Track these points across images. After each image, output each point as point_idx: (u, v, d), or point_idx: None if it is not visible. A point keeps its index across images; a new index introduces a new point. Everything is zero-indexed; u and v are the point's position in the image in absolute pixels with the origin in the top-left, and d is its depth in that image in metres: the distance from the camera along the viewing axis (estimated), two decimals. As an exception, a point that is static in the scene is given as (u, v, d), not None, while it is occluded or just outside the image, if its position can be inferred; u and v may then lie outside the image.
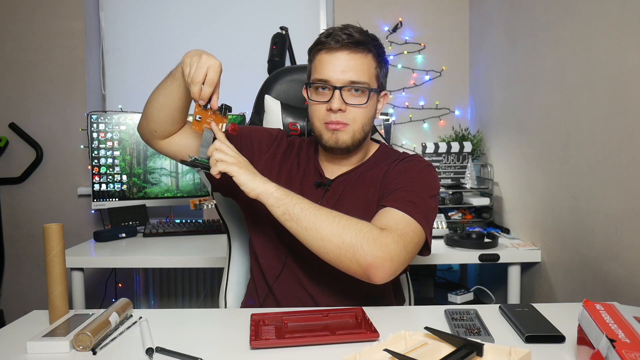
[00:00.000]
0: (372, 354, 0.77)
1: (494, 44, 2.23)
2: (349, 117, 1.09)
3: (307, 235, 0.98)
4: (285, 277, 1.16)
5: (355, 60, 1.08)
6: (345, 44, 1.07)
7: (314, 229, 0.97)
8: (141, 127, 1.19)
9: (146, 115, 1.15)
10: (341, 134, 1.10)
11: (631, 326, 0.71)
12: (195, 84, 1.00)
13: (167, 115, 1.13)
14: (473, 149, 2.29)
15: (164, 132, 1.17)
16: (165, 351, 0.84)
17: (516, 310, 0.99)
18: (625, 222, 1.29)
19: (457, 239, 1.85)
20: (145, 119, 1.16)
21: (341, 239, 0.96)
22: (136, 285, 2.51)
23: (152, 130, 1.16)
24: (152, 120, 1.14)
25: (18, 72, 2.57)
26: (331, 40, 1.08)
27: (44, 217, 2.58)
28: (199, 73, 0.99)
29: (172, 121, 1.15)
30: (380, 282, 0.97)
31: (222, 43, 2.68)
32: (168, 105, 1.12)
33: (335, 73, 1.08)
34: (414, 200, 1.05)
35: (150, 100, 1.14)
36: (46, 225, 0.98)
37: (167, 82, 1.11)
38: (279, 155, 1.23)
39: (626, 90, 1.28)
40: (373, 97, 1.13)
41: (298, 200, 1.00)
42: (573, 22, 1.53)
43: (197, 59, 1.00)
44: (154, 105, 1.13)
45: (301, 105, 1.43)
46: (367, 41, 1.09)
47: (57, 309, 0.99)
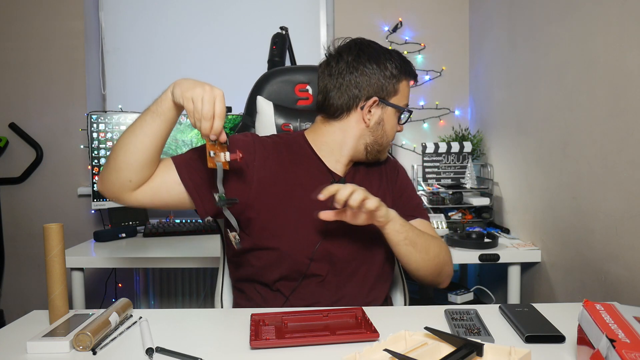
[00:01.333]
0: (372, 354, 0.77)
1: (494, 44, 2.23)
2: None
3: (418, 256, 1.12)
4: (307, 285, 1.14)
5: None
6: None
7: (425, 251, 1.13)
8: (109, 181, 1.04)
9: (118, 164, 1.01)
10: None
11: (631, 326, 0.71)
12: (207, 120, 0.94)
13: (146, 158, 1.02)
14: (473, 149, 2.29)
15: (140, 179, 1.04)
16: (165, 351, 0.84)
17: (516, 310, 0.99)
18: (625, 222, 1.29)
19: (457, 239, 1.85)
20: (115, 170, 1.02)
21: (439, 258, 1.16)
22: (136, 285, 2.51)
23: (126, 180, 1.02)
24: (126, 168, 1.01)
25: (18, 72, 2.57)
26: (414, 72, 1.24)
27: (44, 217, 2.58)
28: (208, 107, 0.93)
29: (151, 163, 1.04)
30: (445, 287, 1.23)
31: (222, 43, 2.68)
32: (148, 146, 1.01)
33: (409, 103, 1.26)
34: (422, 206, 1.30)
35: (122, 146, 1.01)
36: (46, 225, 0.98)
37: (147, 122, 1.00)
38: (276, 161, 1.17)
39: (626, 90, 1.28)
40: None
41: (410, 225, 1.13)
42: (573, 22, 1.53)
43: (201, 91, 0.95)
44: (130, 150, 1.00)
45: (292, 106, 1.43)
46: None
47: (57, 309, 0.99)
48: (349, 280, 1.15)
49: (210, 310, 1.28)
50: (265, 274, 1.14)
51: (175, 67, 2.68)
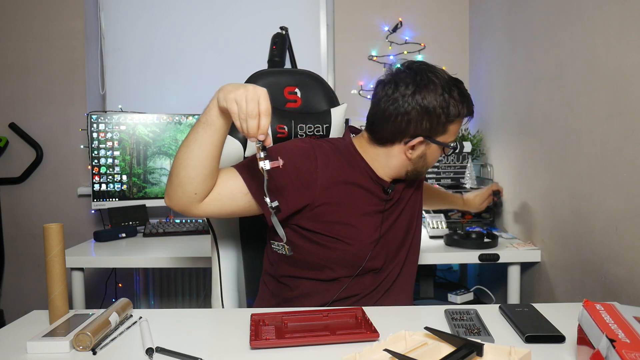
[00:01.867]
0: (372, 354, 0.77)
1: (494, 44, 2.23)
2: None
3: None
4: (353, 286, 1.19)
5: None
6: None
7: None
8: (176, 197, 1.05)
9: (181, 180, 1.03)
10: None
11: (631, 326, 0.71)
12: (253, 118, 0.92)
13: (206, 169, 1.03)
14: (473, 149, 2.29)
15: (205, 191, 1.06)
16: (165, 351, 0.84)
17: (516, 310, 0.99)
18: (625, 222, 1.29)
19: (457, 239, 1.85)
20: (180, 186, 1.04)
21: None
22: (136, 285, 2.51)
23: (192, 194, 1.04)
24: (190, 183, 1.03)
25: (18, 72, 2.57)
26: (469, 111, 1.19)
27: (44, 217, 2.58)
28: (253, 106, 0.92)
29: (212, 174, 1.05)
30: None
31: (222, 43, 2.68)
32: (206, 157, 1.02)
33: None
34: None
35: (181, 162, 1.02)
36: (46, 225, 0.98)
37: (200, 133, 1.01)
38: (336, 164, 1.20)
39: (626, 90, 1.28)
40: None
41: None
42: (573, 22, 1.53)
43: (244, 92, 0.93)
44: (190, 164, 1.02)
45: (282, 108, 1.42)
46: None
47: (57, 309, 0.99)
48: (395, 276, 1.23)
49: (210, 310, 1.28)
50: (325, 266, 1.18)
51: (175, 67, 2.68)
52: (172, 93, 2.68)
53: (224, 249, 1.37)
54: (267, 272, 1.26)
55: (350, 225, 1.15)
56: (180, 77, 2.68)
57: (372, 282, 1.20)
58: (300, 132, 1.40)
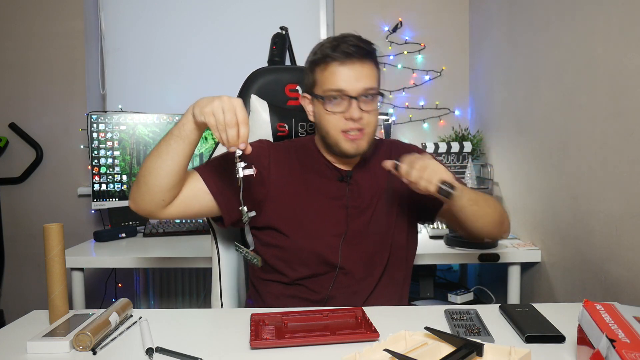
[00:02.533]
0: (372, 354, 0.77)
1: (494, 44, 2.23)
2: (364, 123, 1.14)
3: (484, 212, 1.13)
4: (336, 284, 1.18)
5: (365, 68, 1.14)
6: (356, 54, 1.12)
7: (487, 205, 1.15)
8: (143, 202, 1.07)
9: (150, 188, 1.05)
10: (360, 141, 1.15)
11: (631, 326, 0.71)
12: (231, 127, 0.93)
13: (176, 178, 1.05)
14: (473, 149, 2.29)
15: (172, 197, 1.08)
16: (165, 351, 0.84)
17: (516, 310, 0.99)
18: (625, 222, 1.29)
19: (457, 239, 1.85)
20: (148, 193, 1.05)
21: (499, 213, 1.19)
22: (136, 285, 2.50)
23: (159, 200, 1.06)
24: (160, 191, 1.05)
25: (18, 72, 2.57)
26: (340, 52, 1.11)
27: (44, 217, 2.57)
28: (230, 116, 0.93)
29: (180, 182, 1.08)
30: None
31: (222, 43, 2.68)
32: (178, 167, 1.04)
33: (350, 83, 1.11)
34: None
35: (151, 171, 1.04)
36: (46, 225, 0.98)
37: (172, 146, 1.02)
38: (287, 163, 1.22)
39: (626, 90, 1.28)
40: (377, 102, 1.19)
41: (465, 186, 1.14)
42: (573, 22, 1.53)
43: (219, 103, 0.94)
44: (160, 174, 1.03)
45: (283, 106, 1.42)
46: (371, 50, 1.16)
47: (57, 309, 0.99)
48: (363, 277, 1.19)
49: (210, 310, 1.28)
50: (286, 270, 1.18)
51: (175, 67, 2.68)
52: (172, 93, 2.68)
53: (224, 249, 1.37)
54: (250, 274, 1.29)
55: (309, 220, 1.16)
56: (180, 77, 2.68)
57: (346, 285, 1.16)
58: (302, 130, 1.40)
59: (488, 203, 1.16)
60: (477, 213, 1.12)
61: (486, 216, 1.14)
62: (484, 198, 1.17)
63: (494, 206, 1.17)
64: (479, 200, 1.12)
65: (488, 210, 1.15)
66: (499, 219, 1.18)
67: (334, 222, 1.17)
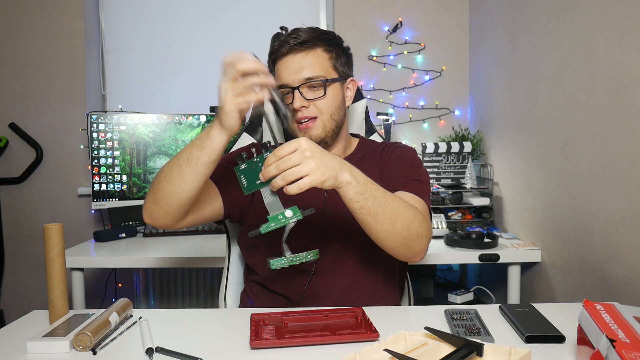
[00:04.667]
0: (372, 354, 0.77)
1: (494, 44, 2.23)
2: (314, 111, 1.16)
3: (379, 228, 0.98)
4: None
5: (306, 58, 1.15)
6: (292, 47, 1.14)
7: (389, 223, 0.98)
8: (164, 219, 1.05)
9: (172, 209, 1.02)
10: (313, 129, 1.16)
11: (631, 326, 0.71)
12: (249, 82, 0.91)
13: (197, 194, 1.03)
14: (473, 149, 2.29)
15: (191, 207, 1.08)
16: (165, 351, 0.84)
17: (516, 310, 0.99)
18: (625, 222, 1.29)
19: (457, 239, 1.85)
20: (170, 213, 1.04)
21: (408, 230, 1.00)
22: (136, 285, 2.50)
23: (180, 216, 1.06)
24: (183, 210, 1.04)
25: (18, 72, 2.57)
26: (279, 47, 1.15)
27: (44, 217, 2.58)
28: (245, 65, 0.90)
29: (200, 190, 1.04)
30: (418, 262, 1.09)
31: (222, 43, 2.68)
32: (201, 185, 1.01)
33: (291, 75, 1.14)
34: (418, 183, 1.16)
35: (175, 194, 1.00)
36: (46, 225, 0.98)
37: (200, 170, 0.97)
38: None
39: (626, 90, 1.28)
40: (334, 87, 1.18)
41: (373, 196, 0.96)
42: (573, 22, 1.53)
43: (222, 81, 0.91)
44: (184, 197, 1.01)
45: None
46: (311, 38, 1.15)
47: (57, 309, 0.99)
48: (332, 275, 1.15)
49: (210, 310, 1.28)
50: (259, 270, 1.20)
51: (175, 67, 2.68)
52: (172, 93, 2.68)
53: (236, 249, 1.40)
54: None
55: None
56: (180, 77, 2.68)
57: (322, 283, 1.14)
58: None
59: (395, 221, 0.98)
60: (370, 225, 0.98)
61: (382, 232, 0.98)
62: (393, 215, 0.97)
63: (402, 226, 0.99)
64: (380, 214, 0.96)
65: (388, 228, 0.98)
66: (398, 242, 1.00)
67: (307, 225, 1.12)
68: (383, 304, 1.14)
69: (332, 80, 1.17)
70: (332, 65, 1.18)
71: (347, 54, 1.23)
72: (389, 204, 0.97)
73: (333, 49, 1.19)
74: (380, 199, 0.96)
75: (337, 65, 1.19)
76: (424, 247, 1.04)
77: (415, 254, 1.04)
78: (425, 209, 1.12)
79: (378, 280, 1.18)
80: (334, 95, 1.17)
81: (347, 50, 1.24)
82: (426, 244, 1.05)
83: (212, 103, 2.33)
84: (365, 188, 0.94)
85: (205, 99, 2.54)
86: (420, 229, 1.02)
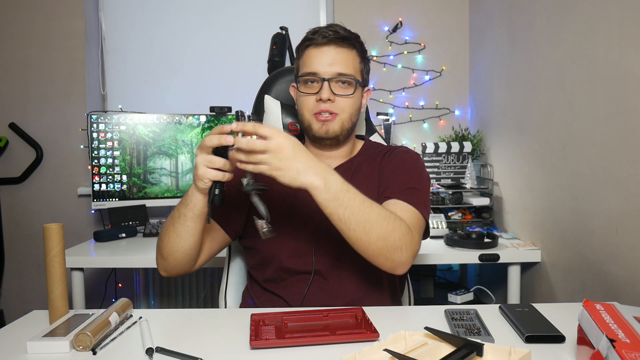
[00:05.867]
0: (372, 354, 0.77)
1: (494, 44, 2.23)
2: (337, 107, 1.14)
3: (352, 235, 0.98)
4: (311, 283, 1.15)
5: (342, 54, 1.14)
6: (332, 39, 1.13)
7: (363, 232, 0.97)
8: (178, 270, 1.13)
9: (180, 262, 1.10)
10: (331, 124, 1.15)
11: (631, 326, 0.71)
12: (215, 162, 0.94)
13: (199, 244, 1.10)
14: (473, 149, 2.29)
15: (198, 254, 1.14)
16: (165, 351, 0.84)
17: (516, 310, 0.99)
18: (625, 222, 1.29)
19: (457, 239, 1.85)
20: (180, 265, 1.12)
21: (386, 242, 0.99)
22: (136, 285, 2.51)
23: (191, 263, 1.13)
24: (190, 260, 1.11)
25: (18, 72, 2.57)
26: (318, 36, 1.13)
27: (44, 217, 2.58)
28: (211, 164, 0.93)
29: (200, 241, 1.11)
30: (401, 274, 1.06)
31: (222, 43, 2.68)
32: (198, 239, 1.08)
33: (323, 66, 1.13)
34: (415, 192, 1.13)
35: (177, 250, 1.08)
36: (46, 225, 0.98)
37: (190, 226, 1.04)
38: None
39: (626, 90, 1.28)
40: (359, 90, 1.18)
41: (347, 202, 0.95)
42: (573, 22, 1.53)
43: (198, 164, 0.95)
44: (187, 251, 1.08)
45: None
46: (352, 37, 1.16)
47: (57, 309, 0.99)
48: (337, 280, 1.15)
49: (210, 310, 1.28)
50: (258, 272, 1.20)
51: (175, 67, 2.68)
52: (172, 93, 2.68)
53: (236, 249, 1.41)
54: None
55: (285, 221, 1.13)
56: (180, 77, 2.68)
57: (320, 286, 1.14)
58: None
59: (370, 231, 0.97)
60: (343, 232, 0.98)
61: (356, 241, 0.98)
62: (369, 225, 0.96)
63: (377, 237, 0.97)
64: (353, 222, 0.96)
65: (362, 236, 0.97)
66: (374, 252, 1.00)
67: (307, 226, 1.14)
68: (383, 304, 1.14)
69: (360, 83, 1.18)
70: (361, 69, 1.19)
71: (369, 64, 1.25)
72: (365, 214, 0.96)
73: (364, 55, 1.20)
74: (355, 207, 0.96)
75: (363, 72, 1.20)
76: (405, 259, 1.02)
77: (396, 265, 1.02)
78: (417, 219, 1.09)
79: (378, 282, 1.17)
80: (357, 98, 1.18)
81: (369, 61, 1.25)
82: (408, 257, 1.02)
83: (212, 103, 2.34)
84: (336, 196, 0.94)
85: (205, 99, 2.54)
86: (400, 242, 1.00)
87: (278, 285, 1.17)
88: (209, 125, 2.30)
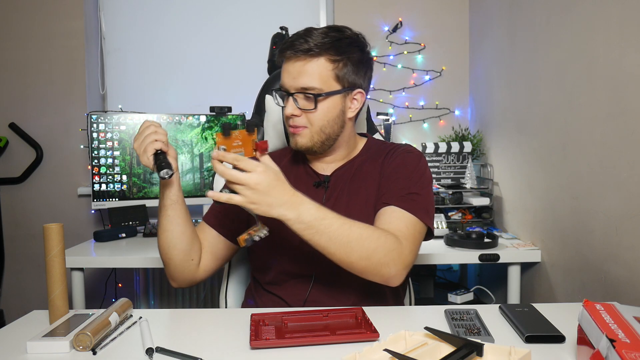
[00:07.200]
0: (372, 354, 0.77)
1: (494, 44, 2.23)
2: (304, 121, 1.13)
3: (332, 257, 1.01)
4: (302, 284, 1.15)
5: (306, 66, 1.10)
6: (296, 52, 1.10)
7: (344, 253, 1.00)
8: (181, 273, 1.15)
9: (175, 258, 1.12)
10: (299, 137, 1.15)
11: (631, 326, 0.71)
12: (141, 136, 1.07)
13: (188, 236, 1.12)
14: (473, 149, 2.29)
15: (198, 253, 1.16)
16: (165, 351, 0.84)
17: (516, 310, 0.99)
18: (625, 222, 1.29)
19: (457, 239, 1.85)
20: (178, 264, 1.13)
21: (370, 260, 1.01)
22: (136, 285, 2.50)
23: (190, 263, 1.14)
24: (184, 256, 1.13)
25: (18, 72, 2.57)
26: (286, 48, 1.11)
27: (44, 217, 2.57)
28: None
29: (195, 235, 1.15)
30: (395, 286, 1.07)
31: (222, 43, 2.68)
32: (183, 229, 1.11)
33: (289, 80, 1.12)
34: (415, 197, 1.11)
35: (168, 245, 1.11)
36: (46, 225, 0.98)
37: (169, 214, 1.09)
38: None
39: (626, 90, 1.28)
40: (331, 100, 1.12)
41: (323, 228, 0.97)
42: (573, 22, 1.53)
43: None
44: (175, 243, 1.11)
45: None
46: (317, 46, 1.09)
47: (57, 309, 0.99)
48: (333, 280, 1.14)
49: (210, 310, 1.28)
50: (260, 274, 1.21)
51: (175, 67, 2.68)
52: (172, 93, 2.68)
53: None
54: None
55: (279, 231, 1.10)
56: (180, 77, 2.68)
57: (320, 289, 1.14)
58: None
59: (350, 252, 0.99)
60: (324, 253, 1.00)
61: (337, 261, 1.01)
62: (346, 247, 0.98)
63: (358, 257, 0.99)
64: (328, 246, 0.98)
65: (343, 258, 1.00)
66: (358, 270, 1.02)
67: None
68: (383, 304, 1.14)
69: (327, 93, 1.10)
70: (335, 75, 1.11)
71: (361, 63, 1.15)
72: (344, 237, 0.98)
73: (342, 57, 1.11)
74: (332, 233, 0.98)
75: (343, 75, 1.11)
76: (394, 273, 1.03)
77: (386, 280, 1.04)
78: (413, 228, 1.08)
79: (379, 285, 1.13)
80: (327, 109, 1.12)
81: (363, 59, 1.15)
82: (398, 271, 1.03)
83: (212, 103, 2.34)
84: (310, 225, 0.97)
85: (206, 99, 2.54)
86: (386, 258, 1.00)
87: (280, 287, 1.17)
88: (209, 125, 2.30)
